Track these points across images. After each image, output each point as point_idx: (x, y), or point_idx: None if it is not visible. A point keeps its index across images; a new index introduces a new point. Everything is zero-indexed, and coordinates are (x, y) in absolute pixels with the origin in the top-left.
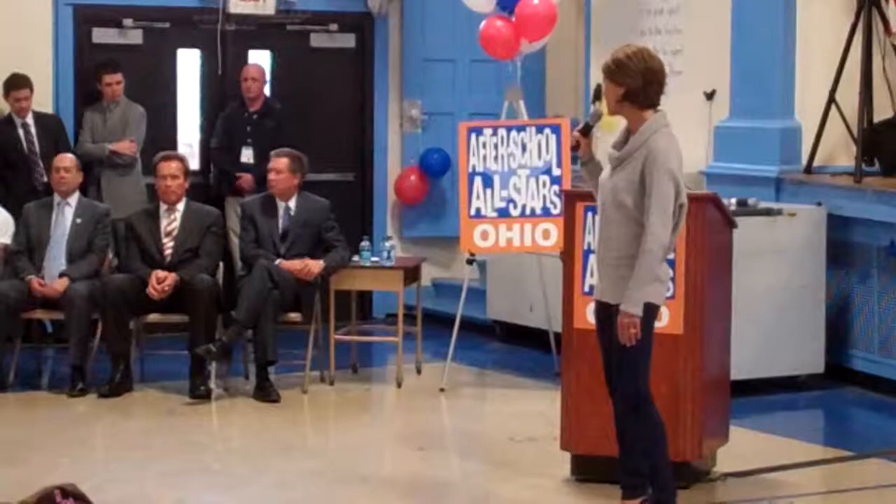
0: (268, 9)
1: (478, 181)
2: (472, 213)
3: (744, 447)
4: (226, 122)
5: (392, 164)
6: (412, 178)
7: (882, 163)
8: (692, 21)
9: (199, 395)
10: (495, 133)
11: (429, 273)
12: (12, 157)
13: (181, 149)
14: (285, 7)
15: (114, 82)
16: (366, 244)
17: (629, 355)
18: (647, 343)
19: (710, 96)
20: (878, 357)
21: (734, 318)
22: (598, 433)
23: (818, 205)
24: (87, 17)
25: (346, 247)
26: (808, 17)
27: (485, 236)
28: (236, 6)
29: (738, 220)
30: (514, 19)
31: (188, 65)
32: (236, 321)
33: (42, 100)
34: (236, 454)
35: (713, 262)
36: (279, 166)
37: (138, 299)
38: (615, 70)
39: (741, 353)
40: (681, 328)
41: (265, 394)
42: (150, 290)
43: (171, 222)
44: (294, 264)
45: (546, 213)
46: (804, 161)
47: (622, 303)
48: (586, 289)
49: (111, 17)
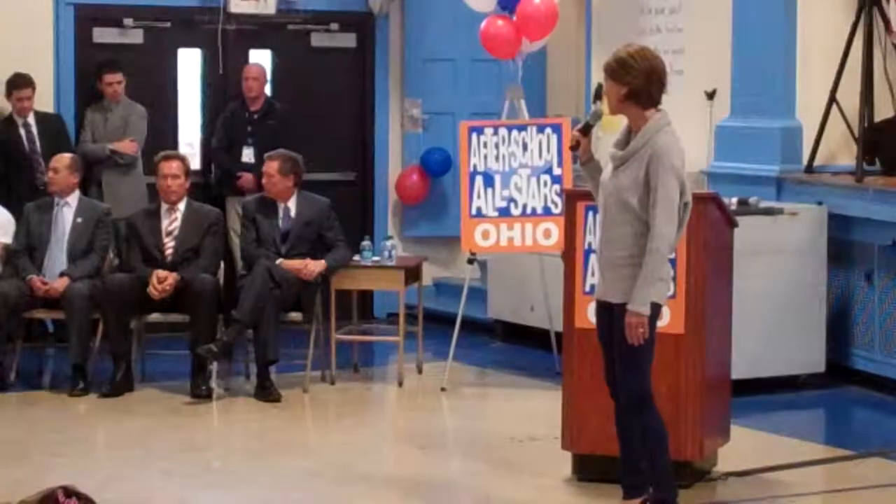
0: (269, 8)
1: (479, 181)
2: (473, 212)
3: (745, 446)
4: (227, 122)
5: (393, 163)
6: (413, 177)
7: (883, 162)
8: (693, 20)
9: (200, 394)
10: (496, 132)
11: (430, 272)
12: (14, 157)
13: (182, 148)
14: (286, 6)
15: (115, 82)
16: (367, 244)
17: (632, 354)
18: (650, 342)
19: (711, 95)
20: (879, 356)
21: (735, 317)
22: (599, 432)
23: (819, 204)
24: (87, 17)
25: (346, 246)
26: (809, 16)
27: (486, 236)
28: (237, 6)
29: (739, 219)
30: (514, 19)
31: (189, 64)
32: (237, 321)
33: (43, 99)
34: (237, 453)
35: (714, 262)
36: (270, 170)
37: (139, 299)
38: (617, 69)
39: (742, 353)
40: (682, 327)
41: (266, 393)
42: (150, 290)
43: (172, 222)
44: (295, 264)
45: (547, 212)
46: (805, 160)
47: (630, 302)
48: (587, 288)
49: (112, 16)
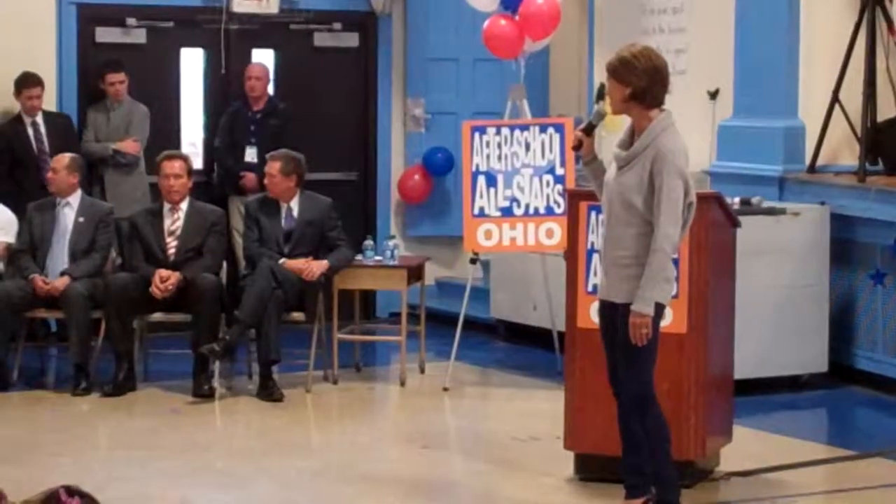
0: (271, 8)
1: (481, 180)
2: (476, 212)
3: (747, 446)
4: (229, 121)
5: (396, 163)
6: (416, 177)
7: (886, 162)
8: (696, 20)
9: (203, 394)
10: (499, 132)
11: (432, 272)
12: (22, 156)
13: (185, 148)
14: (289, 6)
15: (117, 81)
16: (369, 243)
17: (636, 354)
18: (654, 342)
19: (714, 95)
20: (882, 356)
21: (737, 317)
22: (602, 432)
23: (822, 204)
24: (90, 17)
25: (349, 246)
26: (812, 16)
27: (488, 235)
28: (240, 5)
29: (742, 219)
30: (517, 18)
31: (192, 64)
32: (239, 320)
33: (46, 99)
34: (240, 453)
35: (717, 262)
36: (272, 171)
37: (142, 298)
38: (621, 70)
39: (745, 353)
40: (684, 327)
41: (268, 393)
42: (153, 290)
43: (175, 221)
44: (297, 264)
45: (549, 212)
46: (808, 160)
47: (634, 302)
48: (590, 288)
49: (115, 16)
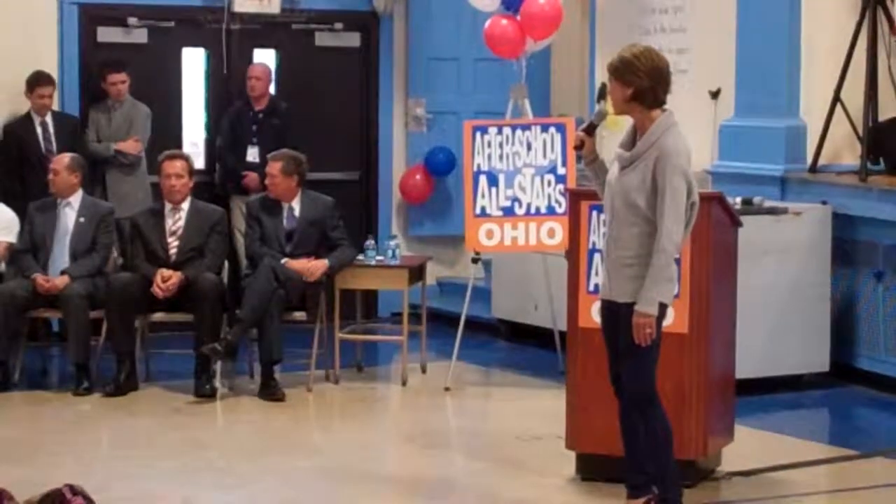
0: (273, 8)
1: (483, 180)
2: (478, 211)
3: (749, 446)
4: (231, 121)
5: (397, 162)
6: (417, 176)
7: (887, 161)
8: (697, 20)
9: (205, 393)
10: (500, 132)
11: (434, 272)
12: (29, 155)
13: (186, 148)
14: (290, 6)
15: (118, 81)
16: (371, 243)
17: (638, 354)
18: (656, 342)
19: (716, 95)
20: (884, 356)
21: (739, 317)
22: (603, 432)
23: (823, 203)
24: (92, 16)
25: (350, 246)
26: (814, 15)
27: (490, 235)
28: (241, 5)
29: (744, 218)
30: (519, 18)
31: (193, 64)
32: (241, 320)
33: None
34: (241, 452)
35: (718, 261)
36: (273, 171)
37: (143, 298)
38: (622, 70)
39: (746, 352)
40: (686, 327)
41: (270, 392)
42: (155, 289)
43: (177, 221)
44: (298, 264)
45: (551, 211)
46: (809, 160)
47: (638, 303)
48: (591, 287)
49: (116, 16)
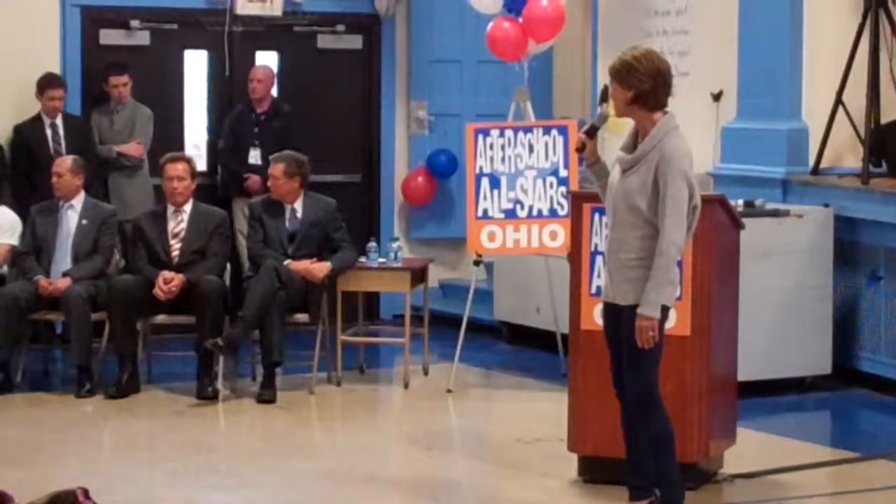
0: (275, 10)
1: (485, 182)
2: (480, 214)
3: (751, 448)
4: (233, 123)
5: (399, 165)
6: (419, 179)
7: (889, 164)
8: (699, 22)
9: (207, 395)
10: (502, 134)
11: (436, 274)
12: (38, 158)
13: (189, 150)
14: (292, 8)
15: (120, 84)
16: (373, 245)
17: (640, 357)
18: (658, 344)
19: (718, 97)
20: (886, 358)
21: (741, 319)
22: (605, 434)
23: (825, 206)
24: (94, 19)
25: (352, 247)
26: (815, 17)
27: (492, 237)
28: (243, 7)
29: (745, 221)
30: (521, 20)
31: (195, 66)
32: (243, 318)
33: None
34: (243, 454)
35: (720, 264)
36: (275, 172)
37: (145, 300)
38: (623, 73)
39: (748, 354)
40: (688, 329)
41: (262, 393)
42: (157, 291)
43: (179, 224)
44: (301, 265)
45: (553, 214)
46: (811, 162)
47: (640, 306)
48: (593, 290)
49: (118, 18)
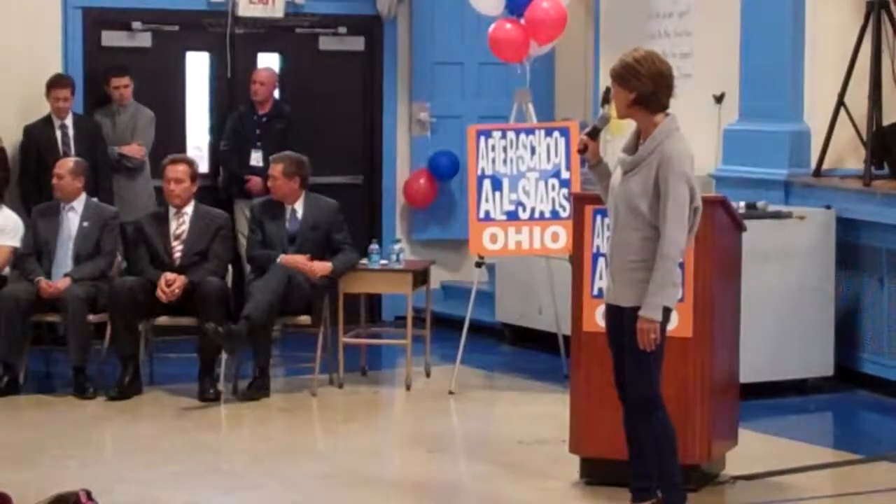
0: (276, 12)
1: (487, 184)
2: (481, 215)
3: (753, 450)
4: (235, 125)
5: (401, 166)
6: (421, 180)
7: (891, 166)
8: (701, 24)
9: (208, 397)
10: (504, 136)
11: (438, 276)
12: (47, 159)
13: (190, 152)
14: (294, 10)
15: (122, 85)
16: (375, 247)
17: (642, 358)
18: (661, 346)
19: (720, 99)
20: (888, 360)
21: (743, 321)
22: (607, 436)
23: (827, 208)
24: (96, 20)
25: (353, 249)
26: (818, 19)
27: (494, 239)
28: (245, 9)
29: (747, 223)
30: (523, 22)
31: (197, 67)
32: (248, 318)
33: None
34: (245, 456)
35: (722, 266)
36: (275, 173)
37: (147, 302)
38: (625, 75)
39: (750, 356)
40: (690, 331)
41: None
42: (159, 293)
43: (180, 225)
44: (299, 260)
45: (555, 215)
46: (813, 164)
47: (642, 308)
48: (595, 292)
49: (120, 20)
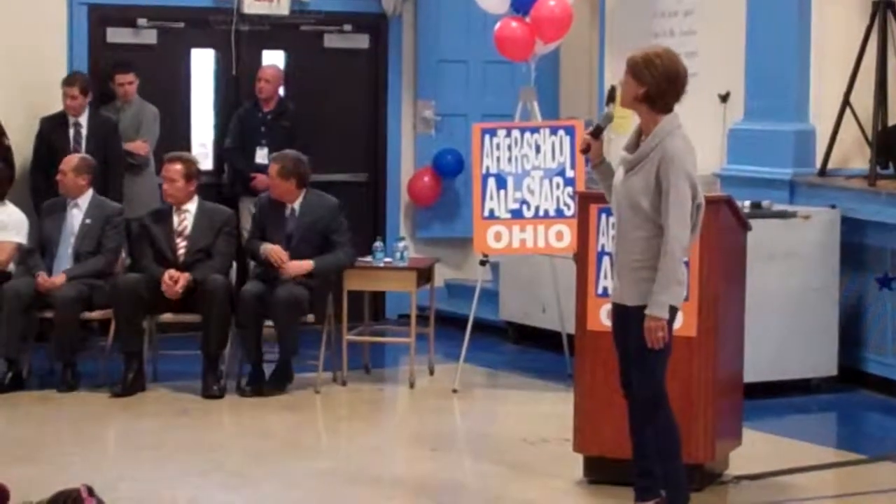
0: (282, 9)
1: (491, 182)
2: (486, 214)
3: (757, 450)
4: (240, 122)
5: (405, 164)
6: (425, 178)
7: None
8: (706, 23)
9: (212, 394)
10: (509, 134)
11: (442, 274)
12: (59, 156)
13: (195, 149)
14: (299, 7)
15: (126, 82)
16: (379, 245)
17: (648, 357)
18: (667, 345)
19: (725, 98)
20: (892, 360)
21: (748, 320)
22: (611, 435)
23: (832, 207)
24: (101, 17)
25: (350, 249)
26: (823, 19)
27: (498, 237)
28: (250, 6)
29: (752, 222)
30: (528, 20)
31: (202, 65)
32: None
33: (57, 100)
34: (248, 453)
35: (727, 265)
36: (272, 173)
37: (151, 299)
38: (641, 67)
39: (754, 356)
40: (694, 330)
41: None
42: (163, 286)
43: (182, 222)
44: (275, 251)
45: (559, 214)
46: (818, 163)
47: (648, 307)
48: (599, 290)
49: (125, 16)
